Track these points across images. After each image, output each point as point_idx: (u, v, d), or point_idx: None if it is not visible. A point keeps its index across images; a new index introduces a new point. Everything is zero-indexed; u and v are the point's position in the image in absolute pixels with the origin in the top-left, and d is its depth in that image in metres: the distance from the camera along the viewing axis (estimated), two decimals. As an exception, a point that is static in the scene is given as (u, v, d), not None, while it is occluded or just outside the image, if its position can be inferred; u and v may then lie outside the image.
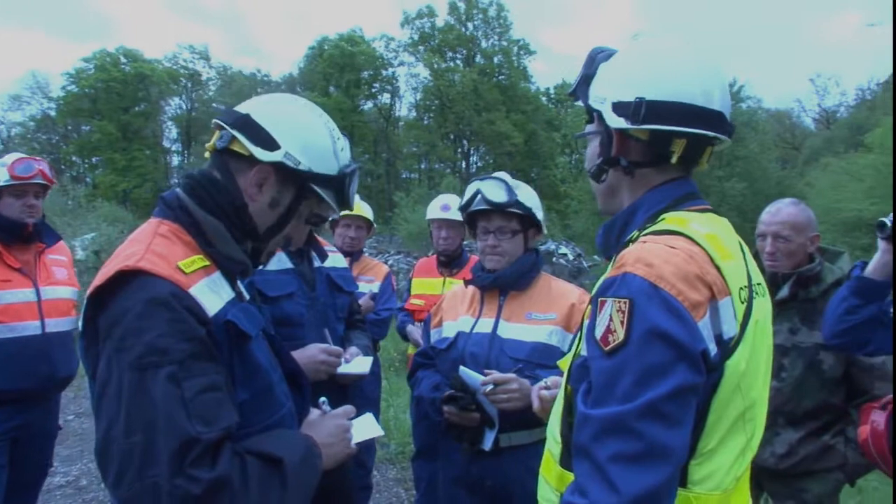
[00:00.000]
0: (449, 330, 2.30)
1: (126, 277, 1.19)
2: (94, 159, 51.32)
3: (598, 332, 1.09)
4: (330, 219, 4.02)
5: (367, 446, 3.96)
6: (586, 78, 1.31)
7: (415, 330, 3.91)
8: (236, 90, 50.67)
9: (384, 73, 52.03)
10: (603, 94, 1.26)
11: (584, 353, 1.17)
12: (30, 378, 2.81)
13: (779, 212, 2.57)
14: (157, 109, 52.36)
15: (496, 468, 2.10)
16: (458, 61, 49.94)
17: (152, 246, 1.27)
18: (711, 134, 1.21)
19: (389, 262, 20.46)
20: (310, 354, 2.10)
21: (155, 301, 1.16)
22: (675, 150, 1.21)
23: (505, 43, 50.75)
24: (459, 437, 2.14)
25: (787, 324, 2.52)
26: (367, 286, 3.95)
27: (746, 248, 1.31)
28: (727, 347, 1.10)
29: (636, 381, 1.01)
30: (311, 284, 2.29)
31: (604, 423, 1.03)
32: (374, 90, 53.03)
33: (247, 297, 1.49)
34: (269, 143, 1.37)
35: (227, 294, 1.33)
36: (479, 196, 2.18)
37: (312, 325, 2.21)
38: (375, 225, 4.19)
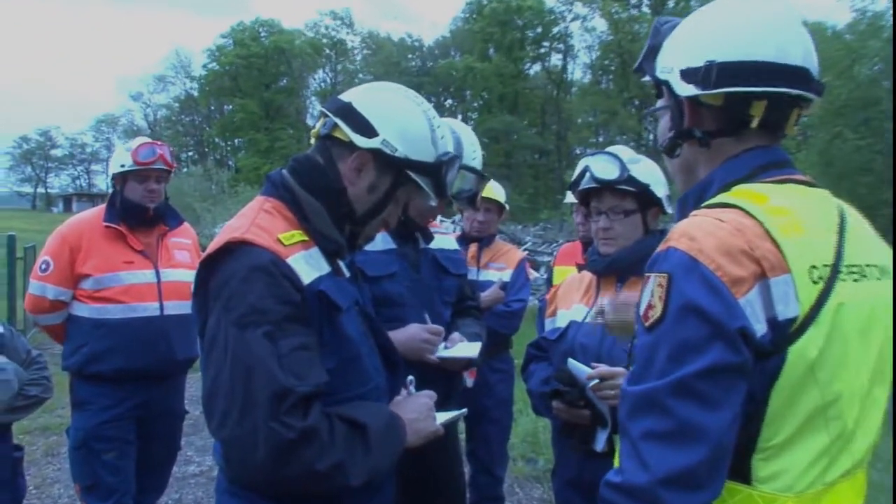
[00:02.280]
0: (562, 319, 2.45)
1: (233, 247, 1.56)
2: (236, 141, 56.37)
3: (641, 309, 1.22)
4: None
5: (500, 454, 4.23)
6: (652, 50, 1.43)
7: None
8: (383, 58, 53.16)
9: (554, 29, 51.65)
10: (670, 64, 1.37)
11: None
12: (148, 358, 3.34)
13: None
14: (300, 84, 56.19)
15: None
16: (643, 8, 48.31)
17: (257, 220, 1.64)
18: (794, 92, 1.27)
19: (555, 254, 20.31)
20: (411, 333, 2.37)
21: (256, 267, 1.52)
22: (754, 113, 1.28)
23: (705, -19, 48.16)
24: (570, 435, 2.30)
25: None
26: (497, 274, 4.09)
27: (854, 224, 1.32)
28: (786, 331, 1.14)
29: (669, 357, 1.13)
30: (416, 266, 2.56)
31: (638, 399, 1.16)
32: (542, 51, 52.84)
33: (346, 274, 1.82)
34: (368, 131, 1.69)
35: (323, 268, 1.67)
36: (588, 173, 2.30)
37: (414, 306, 2.47)
38: (508, 207, 4.33)
